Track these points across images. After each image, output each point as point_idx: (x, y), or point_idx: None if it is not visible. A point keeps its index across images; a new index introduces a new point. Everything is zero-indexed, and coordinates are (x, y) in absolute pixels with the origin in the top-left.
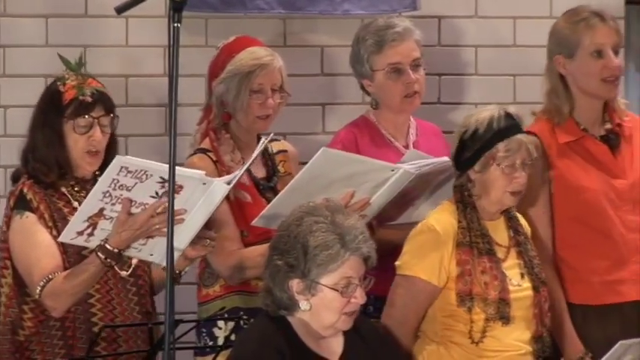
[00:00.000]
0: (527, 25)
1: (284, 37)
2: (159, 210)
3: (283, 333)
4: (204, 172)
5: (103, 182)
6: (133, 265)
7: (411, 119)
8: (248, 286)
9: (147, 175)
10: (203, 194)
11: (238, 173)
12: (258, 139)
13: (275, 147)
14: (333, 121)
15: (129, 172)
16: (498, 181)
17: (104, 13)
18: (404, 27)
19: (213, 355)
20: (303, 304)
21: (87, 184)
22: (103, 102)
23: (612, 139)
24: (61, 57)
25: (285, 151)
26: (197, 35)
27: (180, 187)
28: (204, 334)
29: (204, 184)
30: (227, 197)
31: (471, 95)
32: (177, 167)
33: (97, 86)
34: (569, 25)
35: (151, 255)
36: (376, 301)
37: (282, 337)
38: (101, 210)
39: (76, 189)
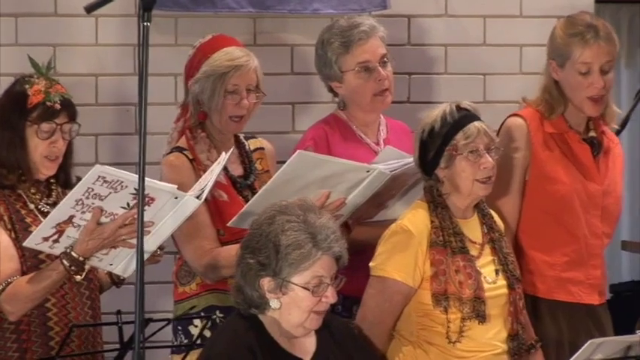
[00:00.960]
0: (497, 24)
1: (254, 36)
2: (127, 221)
3: (255, 332)
4: (176, 186)
5: (78, 190)
6: (86, 270)
7: (381, 117)
8: (224, 284)
9: (122, 185)
10: (173, 208)
11: (208, 186)
12: (236, 138)
13: (252, 145)
14: (304, 120)
15: (105, 181)
16: (466, 170)
17: (74, 12)
18: (369, 25)
19: (184, 354)
20: (274, 303)
21: (40, 185)
22: (68, 109)
23: (595, 144)
24: (30, 59)
25: (263, 148)
26: (167, 34)
27: (152, 199)
28: (179, 332)
29: (176, 198)
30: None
31: (441, 94)
32: (151, 180)
33: (63, 92)
34: (564, 35)
35: (111, 265)
36: (345, 301)
37: (254, 336)
38: (71, 217)
39: (32, 191)
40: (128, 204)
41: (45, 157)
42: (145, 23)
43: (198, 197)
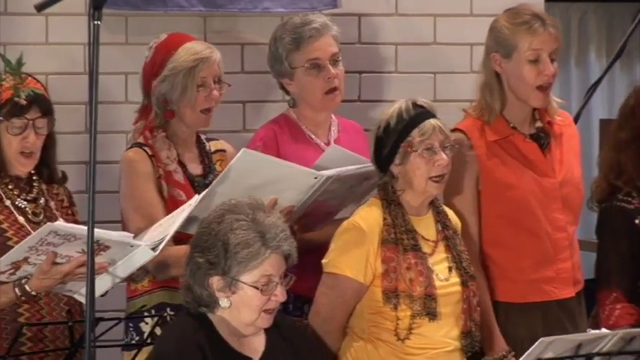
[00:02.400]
0: (448, 23)
1: (204, 34)
2: (82, 263)
3: (205, 331)
4: (132, 235)
5: (31, 239)
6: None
7: (332, 117)
8: (176, 282)
9: (75, 237)
10: (128, 254)
11: (167, 238)
12: (197, 138)
13: (213, 146)
14: (255, 119)
15: (57, 235)
16: (420, 168)
17: (24, 10)
18: (321, 23)
19: (135, 351)
20: (223, 302)
21: (21, 182)
22: (39, 104)
23: (542, 138)
24: (1, 56)
25: (224, 150)
26: (117, 33)
27: (107, 247)
28: (131, 330)
29: (132, 246)
30: (161, 195)
31: (391, 93)
32: (106, 232)
33: (35, 87)
34: (510, 25)
35: (70, 290)
36: (296, 300)
37: (204, 335)
38: (26, 258)
39: (9, 187)
40: (83, 250)
41: (20, 154)
42: (96, 22)
43: (154, 249)
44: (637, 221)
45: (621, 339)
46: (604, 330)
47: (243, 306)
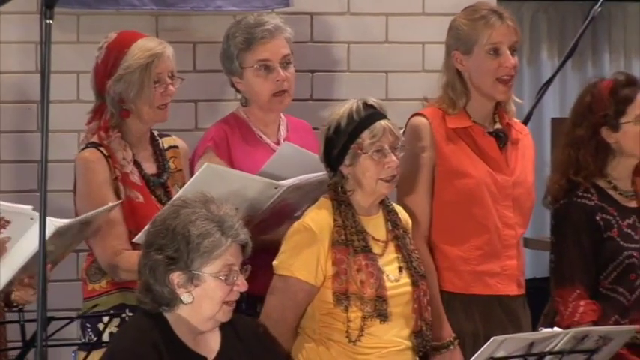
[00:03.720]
0: (400, 22)
1: (156, 33)
2: None
3: (160, 329)
4: (31, 207)
5: None
6: None
7: (282, 116)
8: (134, 282)
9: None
10: (29, 229)
11: (71, 222)
12: (151, 135)
13: (166, 143)
14: (207, 117)
15: None
16: (370, 170)
17: None
18: (274, 24)
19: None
20: (185, 297)
21: None
22: None
23: (500, 137)
24: None
25: (177, 147)
26: (69, 32)
27: (8, 222)
28: (88, 330)
29: (32, 219)
30: (118, 197)
31: (343, 92)
32: (4, 203)
33: None
34: (468, 21)
35: None
36: (249, 299)
37: (159, 334)
38: None
39: None
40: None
41: None
42: (48, 21)
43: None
44: (597, 217)
45: (573, 337)
46: (556, 328)
47: (206, 299)
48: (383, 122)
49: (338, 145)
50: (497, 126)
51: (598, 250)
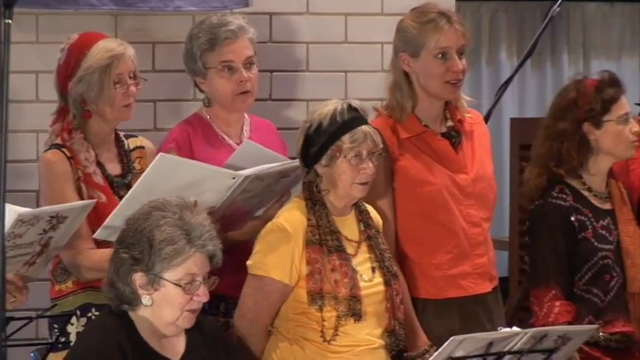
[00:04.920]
0: (359, 22)
1: (115, 33)
2: None
3: (126, 330)
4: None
5: None
6: None
7: (245, 116)
8: (100, 282)
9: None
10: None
11: (34, 212)
12: (116, 136)
13: (132, 143)
14: (165, 117)
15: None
16: (346, 173)
17: None
18: (238, 25)
19: (46, 353)
20: (145, 299)
21: None
22: None
23: (453, 136)
24: None
25: (143, 147)
26: (28, 32)
27: None
28: (55, 330)
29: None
30: (81, 197)
31: (303, 92)
32: None
33: None
34: (417, 24)
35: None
36: (212, 298)
37: (125, 334)
38: None
39: None
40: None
41: None
42: (7, 20)
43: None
44: (573, 218)
45: (532, 337)
46: (515, 328)
47: (165, 304)
48: (364, 127)
49: (317, 144)
50: (450, 123)
51: (573, 251)
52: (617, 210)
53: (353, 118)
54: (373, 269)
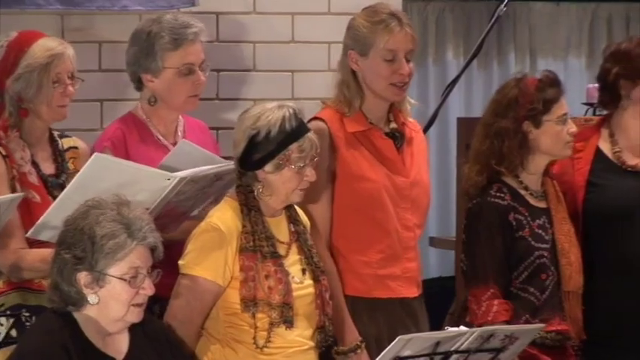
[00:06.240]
0: (305, 22)
1: (62, 32)
2: None
3: (70, 330)
4: None
5: None
6: None
7: (180, 117)
8: (31, 283)
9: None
10: None
11: None
12: (50, 136)
13: (66, 143)
14: (112, 117)
15: None
16: (291, 181)
17: None
18: (199, 28)
19: None
20: (92, 298)
21: None
22: None
23: (397, 138)
24: None
25: (77, 147)
26: None
27: None
28: None
29: None
30: None
31: (250, 91)
32: None
33: None
34: (368, 24)
35: None
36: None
37: (68, 334)
38: None
39: None
40: None
41: None
42: None
43: None
44: (510, 217)
45: (479, 337)
46: (462, 327)
47: (112, 300)
48: (310, 136)
49: (263, 150)
50: (393, 125)
51: (510, 249)
52: (552, 209)
53: (299, 126)
54: (304, 271)
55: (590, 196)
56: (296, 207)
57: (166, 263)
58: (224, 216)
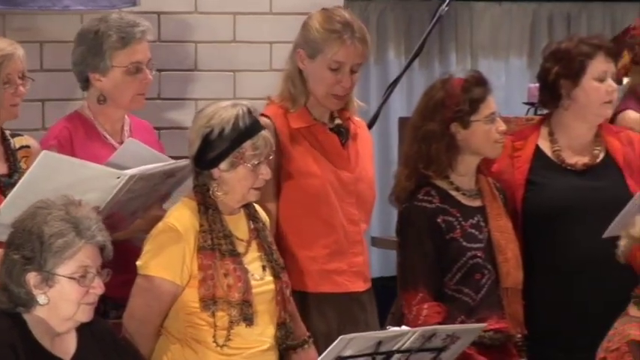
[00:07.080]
0: (247, 22)
1: (3, 32)
2: None
3: (18, 330)
4: None
5: None
6: None
7: (125, 116)
8: None
9: None
10: None
11: None
12: (3, 135)
13: (17, 142)
14: (54, 117)
15: None
16: (247, 179)
17: None
18: (146, 26)
19: None
20: (41, 298)
21: None
22: None
23: (342, 133)
24: None
25: (28, 146)
26: None
27: None
28: None
29: None
30: None
31: (192, 91)
32: None
33: None
34: (321, 30)
35: None
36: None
37: (17, 334)
38: None
39: None
40: None
41: None
42: None
43: None
44: (439, 220)
45: (421, 336)
46: (404, 327)
47: (62, 300)
48: (264, 133)
49: (217, 149)
50: (338, 121)
51: (442, 252)
52: (487, 205)
53: (253, 124)
54: (264, 267)
55: (529, 195)
56: (254, 204)
57: (113, 263)
58: (181, 216)
